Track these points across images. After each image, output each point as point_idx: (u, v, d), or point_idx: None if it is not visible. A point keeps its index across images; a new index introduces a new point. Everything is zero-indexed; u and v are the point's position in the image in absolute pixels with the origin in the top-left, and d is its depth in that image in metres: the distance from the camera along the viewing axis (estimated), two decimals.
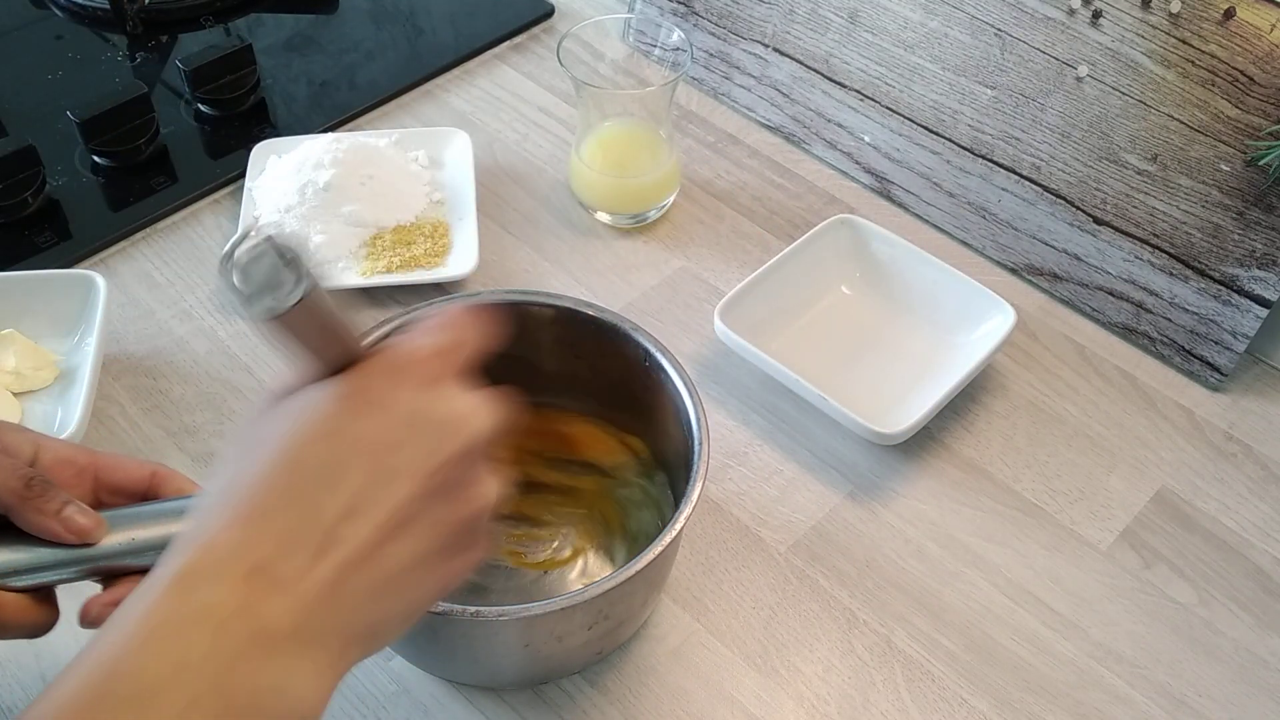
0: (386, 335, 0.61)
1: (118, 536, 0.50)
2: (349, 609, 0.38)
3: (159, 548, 0.50)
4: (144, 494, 0.53)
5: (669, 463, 0.64)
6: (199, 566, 0.37)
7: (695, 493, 0.56)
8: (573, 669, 0.61)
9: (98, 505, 0.51)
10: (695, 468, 0.57)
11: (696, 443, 0.58)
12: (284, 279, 0.38)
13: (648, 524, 0.64)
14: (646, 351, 0.62)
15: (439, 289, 0.79)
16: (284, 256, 0.38)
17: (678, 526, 0.55)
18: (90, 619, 0.52)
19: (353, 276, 0.78)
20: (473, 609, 0.52)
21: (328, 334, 0.40)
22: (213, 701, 0.35)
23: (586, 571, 0.64)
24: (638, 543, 0.63)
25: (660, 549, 0.54)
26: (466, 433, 0.41)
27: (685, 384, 0.60)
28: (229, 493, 0.39)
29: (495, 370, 0.45)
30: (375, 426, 0.40)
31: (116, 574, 0.51)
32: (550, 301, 0.64)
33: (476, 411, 0.42)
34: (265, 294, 0.38)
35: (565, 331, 0.64)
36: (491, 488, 0.43)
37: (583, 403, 0.67)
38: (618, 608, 0.57)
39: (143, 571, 0.46)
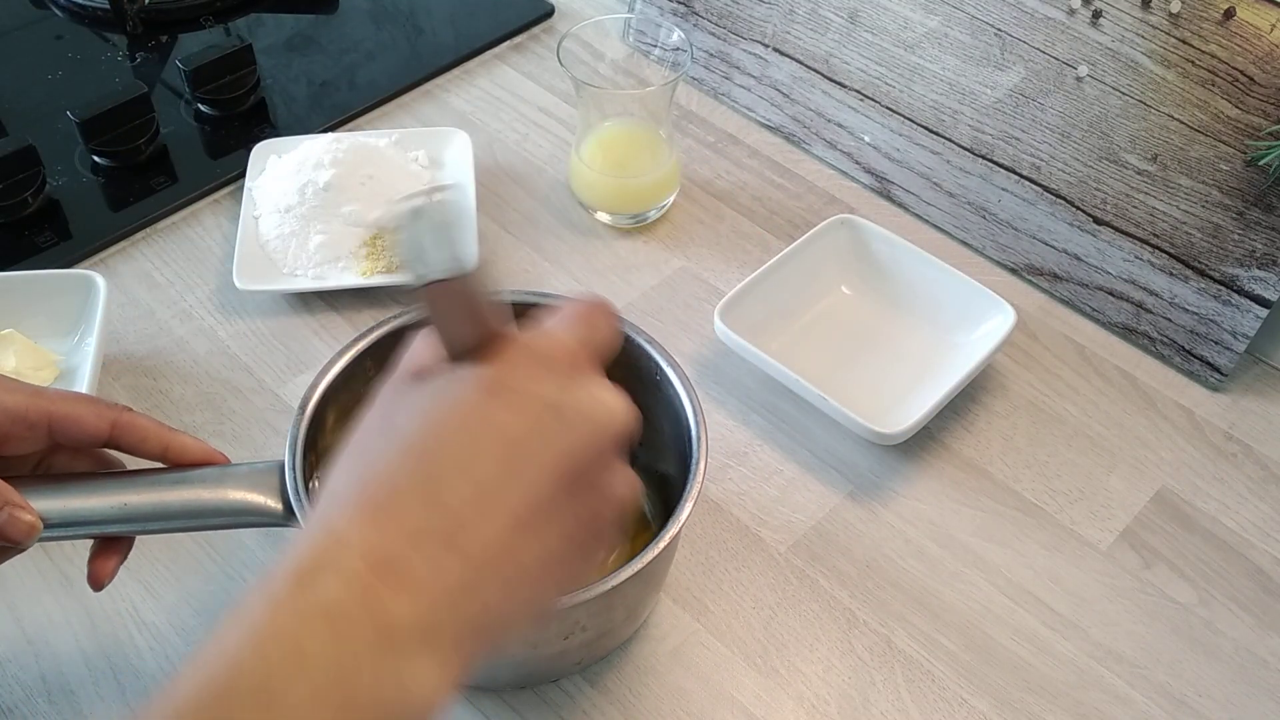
0: (395, 330, 0.61)
1: (109, 499, 0.51)
2: (477, 606, 0.37)
3: (155, 516, 0.51)
4: (106, 444, 0.52)
5: (667, 460, 0.64)
6: (324, 558, 0.36)
7: (694, 491, 0.55)
8: (571, 669, 0.61)
9: (55, 457, 0.51)
10: (694, 469, 0.56)
11: (694, 443, 0.58)
12: (440, 251, 0.37)
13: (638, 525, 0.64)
14: (644, 352, 0.62)
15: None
16: (435, 229, 0.37)
17: (676, 527, 0.55)
18: (102, 581, 0.54)
19: (353, 276, 0.78)
20: None
21: (472, 315, 0.39)
22: (335, 696, 0.34)
23: None
24: (634, 542, 0.63)
25: (658, 550, 0.54)
26: (606, 426, 0.40)
27: (684, 385, 0.60)
28: (358, 480, 0.38)
29: None
30: (515, 415, 0.38)
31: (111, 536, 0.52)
32: (538, 301, 0.64)
33: (617, 405, 0.41)
34: (417, 260, 0.37)
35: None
36: (625, 485, 0.41)
37: None
38: (615, 610, 0.57)
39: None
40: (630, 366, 0.63)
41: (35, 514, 0.48)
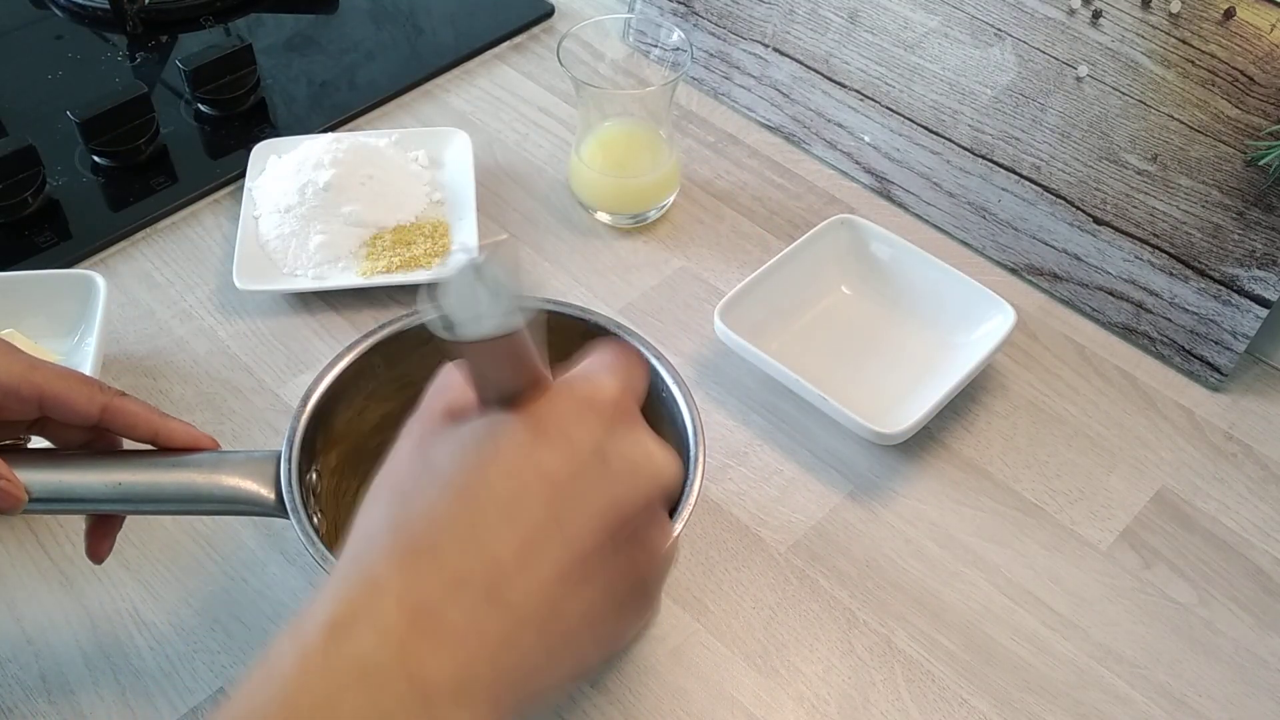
0: (402, 330, 0.61)
1: (104, 477, 0.51)
2: (515, 660, 0.35)
3: (149, 497, 0.52)
4: (96, 426, 0.52)
5: None
6: (358, 607, 0.34)
7: (692, 497, 0.55)
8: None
9: (46, 427, 0.52)
10: (690, 481, 0.56)
11: (692, 446, 0.58)
12: (494, 306, 0.34)
13: None
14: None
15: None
16: (492, 283, 0.35)
17: (673, 534, 0.54)
18: (101, 555, 0.54)
19: (352, 276, 0.78)
20: None
21: (519, 366, 0.37)
22: None
23: None
24: None
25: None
26: (653, 478, 0.38)
27: (683, 392, 0.60)
28: (394, 523, 0.35)
29: None
30: (562, 459, 0.36)
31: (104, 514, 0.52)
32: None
33: (664, 458, 0.39)
34: (467, 317, 0.34)
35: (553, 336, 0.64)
36: (666, 539, 0.39)
37: None
38: None
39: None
40: None
41: (20, 486, 0.48)
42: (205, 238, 0.84)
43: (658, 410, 0.61)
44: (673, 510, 0.41)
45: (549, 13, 1.02)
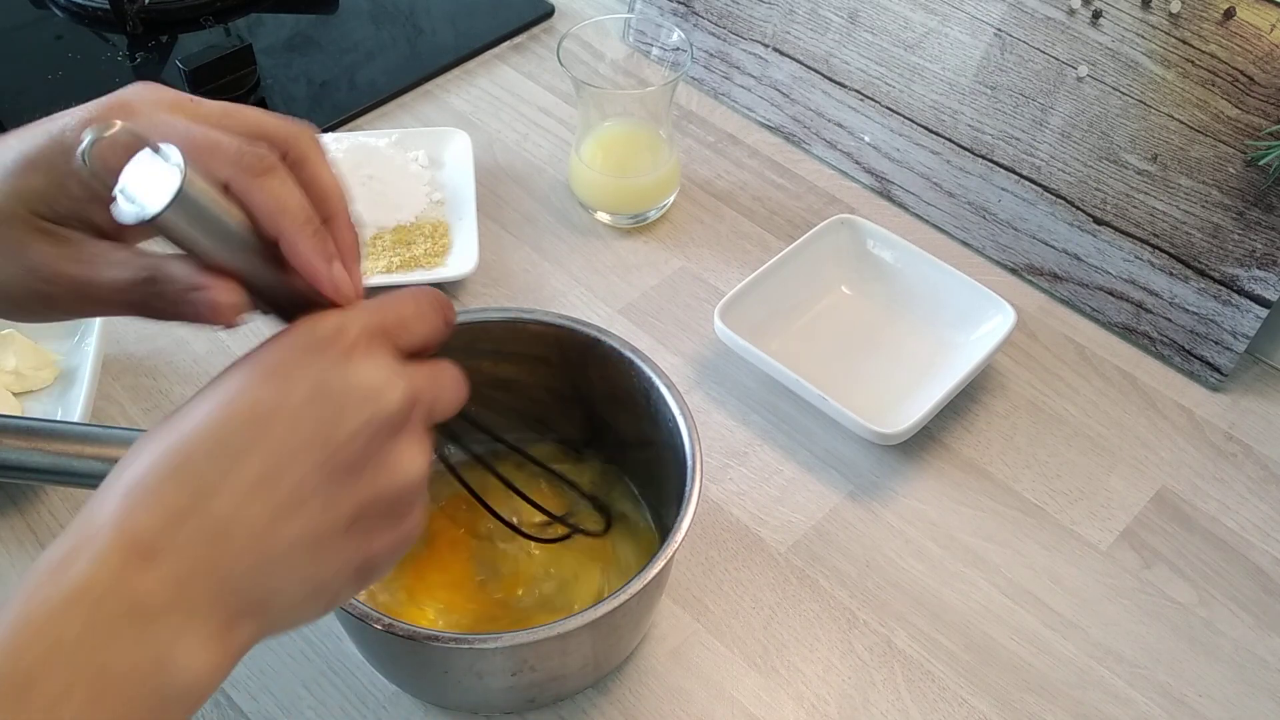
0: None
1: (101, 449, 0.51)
2: (232, 582, 0.37)
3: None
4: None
5: (666, 477, 0.63)
6: (79, 545, 0.36)
7: (689, 514, 0.55)
8: (576, 690, 0.61)
9: None
10: (687, 495, 0.56)
11: (689, 458, 0.57)
12: (155, 184, 0.37)
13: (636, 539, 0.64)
14: (636, 369, 0.61)
15: (439, 289, 0.79)
16: (154, 155, 0.37)
17: (669, 553, 0.54)
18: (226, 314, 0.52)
19: None
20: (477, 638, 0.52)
21: (217, 236, 0.39)
22: (91, 681, 0.34)
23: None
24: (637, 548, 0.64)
25: (646, 581, 0.53)
26: (374, 405, 0.39)
27: (677, 401, 0.59)
28: (127, 471, 0.38)
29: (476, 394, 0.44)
30: (275, 396, 0.39)
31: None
32: (536, 319, 0.63)
33: (389, 383, 0.40)
34: (139, 197, 0.37)
35: (547, 349, 0.64)
36: (414, 465, 0.41)
37: (557, 426, 0.66)
38: (620, 630, 0.58)
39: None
40: (620, 382, 0.62)
41: (224, 288, 0.44)
42: None
43: (652, 418, 0.61)
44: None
45: (549, 13, 1.02)
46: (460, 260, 0.80)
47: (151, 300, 0.43)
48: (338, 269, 0.42)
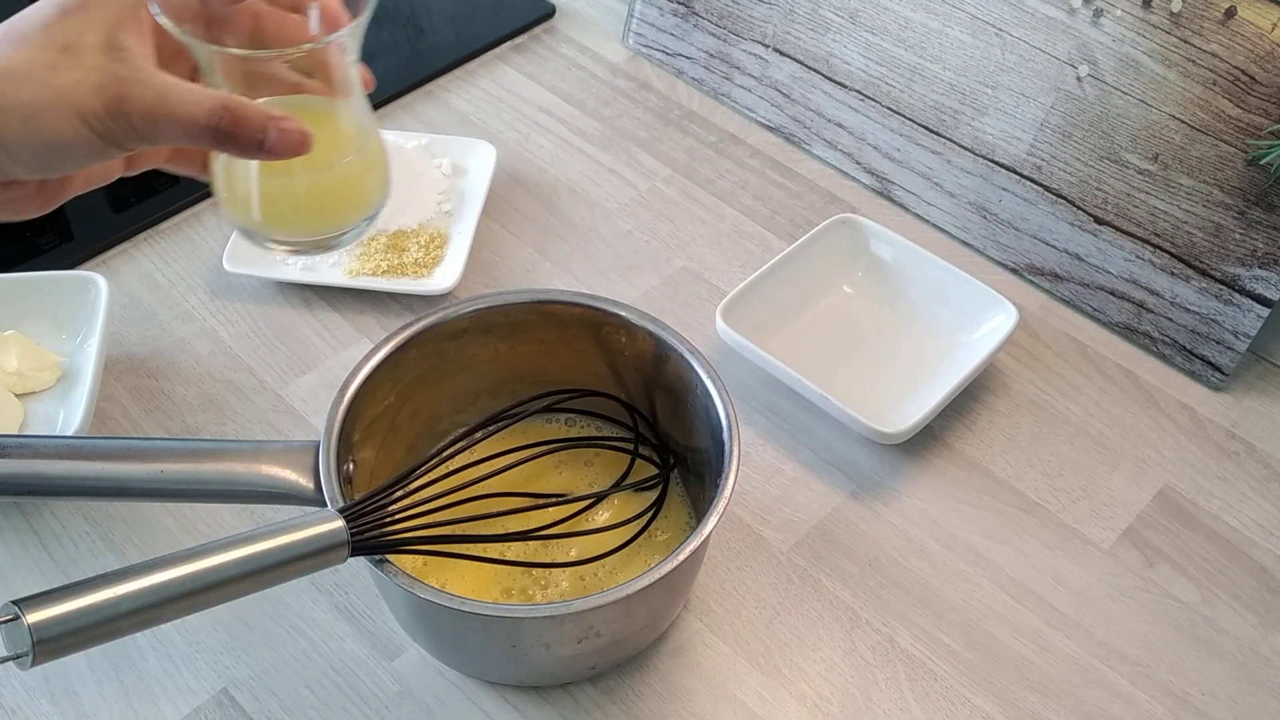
0: (436, 323, 0.63)
1: (147, 466, 0.52)
2: None
3: (189, 483, 0.53)
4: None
5: (701, 465, 0.64)
6: None
7: (722, 503, 0.56)
8: (584, 675, 0.61)
9: None
10: (723, 482, 0.56)
11: (727, 453, 0.58)
12: None
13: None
14: (685, 363, 0.62)
15: (419, 301, 0.79)
16: None
17: (698, 540, 0.54)
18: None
19: (339, 274, 0.78)
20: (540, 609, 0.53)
21: None
22: None
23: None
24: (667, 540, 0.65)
25: (679, 561, 0.53)
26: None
27: (722, 396, 0.60)
28: None
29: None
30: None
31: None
32: (584, 302, 0.65)
33: None
34: None
35: (594, 331, 0.66)
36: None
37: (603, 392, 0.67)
38: (635, 617, 0.58)
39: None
40: (671, 372, 0.63)
41: (300, 125, 0.46)
42: (207, 238, 0.84)
43: (693, 407, 0.61)
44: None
45: (550, 13, 1.02)
46: (443, 276, 0.79)
47: (224, 129, 0.45)
48: None
